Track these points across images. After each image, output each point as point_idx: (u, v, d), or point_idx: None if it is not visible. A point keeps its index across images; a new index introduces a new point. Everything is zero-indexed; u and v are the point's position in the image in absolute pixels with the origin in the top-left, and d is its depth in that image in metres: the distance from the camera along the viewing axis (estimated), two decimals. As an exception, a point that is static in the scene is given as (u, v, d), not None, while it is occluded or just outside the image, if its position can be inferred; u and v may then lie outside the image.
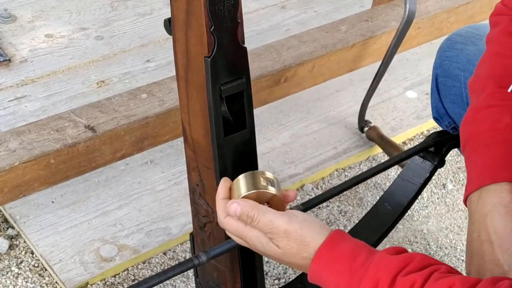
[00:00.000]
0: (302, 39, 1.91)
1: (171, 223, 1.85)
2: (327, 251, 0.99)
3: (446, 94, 1.45)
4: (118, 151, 1.62)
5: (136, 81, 2.20)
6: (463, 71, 1.41)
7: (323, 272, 0.99)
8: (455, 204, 2.05)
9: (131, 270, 1.76)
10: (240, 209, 1.02)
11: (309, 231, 1.00)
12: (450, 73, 1.44)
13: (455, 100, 1.44)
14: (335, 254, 0.98)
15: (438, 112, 1.49)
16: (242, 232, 1.04)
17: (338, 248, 0.99)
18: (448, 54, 1.46)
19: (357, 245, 0.99)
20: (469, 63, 1.41)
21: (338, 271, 0.97)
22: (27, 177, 1.51)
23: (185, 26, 1.05)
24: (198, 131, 1.12)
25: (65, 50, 2.31)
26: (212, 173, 1.14)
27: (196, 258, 1.09)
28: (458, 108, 1.43)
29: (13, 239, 1.80)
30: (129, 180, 1.95)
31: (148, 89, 1.70)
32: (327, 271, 0.98)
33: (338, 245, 0.99)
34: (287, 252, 1.01)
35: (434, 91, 1.49)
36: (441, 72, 1.46)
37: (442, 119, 1.49)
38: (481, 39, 1.40)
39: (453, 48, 1.47)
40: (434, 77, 1.49)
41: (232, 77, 1.07)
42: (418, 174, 1.44)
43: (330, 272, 0.98)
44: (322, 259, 0.99)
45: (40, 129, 1.56)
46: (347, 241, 1.00)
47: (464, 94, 1.41)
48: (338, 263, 0.98)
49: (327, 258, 0.99)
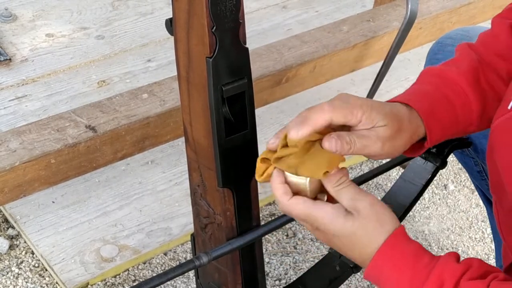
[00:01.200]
0: (303, 39, 1.91)
1: (172, 223, 1.84)
2: (393, 246, 0.97)
3: None
4: (119, 151, 1.61)
5: (137, 80, 2.20)
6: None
7: (385, 267, 0.97)
8: (457, 205, 2.04)
9: (131, 271, 1.75)
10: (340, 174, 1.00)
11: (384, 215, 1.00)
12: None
13: None
14: (400, 250, 0.97)
15: None
16: (313, 211, 0.99)
17: (403, 245, 0.97)
18: (438, 57, 1.46)
19: (420, 246, 0.98)
20: None
21: (401, 269, 0.96)
22: (28, 177, 1.50)
23: (187, 26, 1.05)
24: (199, 131, 1.12)
25: (66, 50, 2.31)
26: (214, 173, 1.13)
27: (197, 259, 1.09)
28: None
29: (13, 239, 1.80)
30: (130, 180, 1.95)
31: (149, 89, 1.70)
32: (390, 267, 0.96)
33: (404, 242, 0.98)
34: (358, 231, 0.98)
35: None
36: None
37: None
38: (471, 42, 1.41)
39: (443, 50, 1.46)
40: None
41: (234, 77, 1.07)
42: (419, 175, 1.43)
43: (393, 268, 0.96)
44: (387, 253, 0.97)
45: (40, 129, 1.55)
46: (411, 240, 0.99)
47: None
48: (402, 260, 0.96)
49: (392, 253, 0.97)
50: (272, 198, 1.96)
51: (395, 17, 2.04)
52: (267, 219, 1.91)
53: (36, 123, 1.58)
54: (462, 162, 1.55)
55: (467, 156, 1.50)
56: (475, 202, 2.05)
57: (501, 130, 1.07)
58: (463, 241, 1.94)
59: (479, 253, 1.91)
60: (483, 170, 1.49)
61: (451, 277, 0.93)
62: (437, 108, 1.10)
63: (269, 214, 1.93)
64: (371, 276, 0.99)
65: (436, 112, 1.09)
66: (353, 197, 0.99)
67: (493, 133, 1.09)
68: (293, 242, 1.87)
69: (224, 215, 1.16)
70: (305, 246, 1.87)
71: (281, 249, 1.86)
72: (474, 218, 2.01)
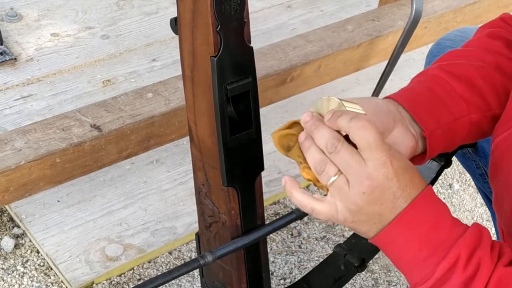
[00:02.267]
0: (308, 38, 1.91)
1: (177, 222, 1.85)
2: (433, 194, 0.94)
3: None
4: (124, 151, 1.62)
5: (142, 80, 2.20)
6: None
7: (426, 208, 0.92)
8: (462, 204, 2.04)
9: (136, 270, 1.76)
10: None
11: None
12: None
13: None
14: (438, 199, 0.94)
15: None
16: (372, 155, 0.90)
17: (439, 199, 0.95)
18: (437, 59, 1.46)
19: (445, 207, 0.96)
20: None
21: (441, 212, 0.93)
22: (33, 176, 1.51)
23: (191, 26, 1.05)
24: (204, 131, 1.12)
25: (71, 49, 2.31)
26: (218, 173, 1.13)
27: (202, 258, 1.09)
28: None
29: (18, 238, 1.80)
30: (135, 179, 1.95)
31: (154, 89, 1.70)
32: (430, 209, 0.92)
33: (438, 198, 0.95)
34: (411, 164, 0.92)
35: None
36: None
37: None
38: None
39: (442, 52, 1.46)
40: None
41: (238, 76, 1.07)
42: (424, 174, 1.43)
43: (434, 210, 0.92)
44: (429, 195, 0.92)
45: (46, 128, 1.56)
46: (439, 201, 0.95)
47: None
48: (442, 206, 0.94)
49: (433, 198, 0.93)
50: (277, 197, 1.97)
51: (400, 16, 2.03)
52: (272, 218, 1.91)
53: (41, 122, 1.58)
54: (464, 165, 1.55)
55: (469, 159, 1.49)
56: (480, 202, 2.05)
57: (505, 147, 1.05)
58: (468, 240, 1.94)
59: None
60: (485, 173, 1.48)
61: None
62: (420, 95, 1.09)
63: (274, 213, 1.93)
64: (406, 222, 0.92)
65: (417, 99, 1.08)
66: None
67: (496, 151, 1.08)
68: (298, 241, 1.87)
69: (229, 214, 1.16)
70: (310, 245, 1.88)
71: (286, 248, 1.86)
72: (479, 218, 2.01)
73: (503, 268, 0.89)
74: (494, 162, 1.08)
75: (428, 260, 0.91)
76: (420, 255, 0.91)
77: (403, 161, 0.92)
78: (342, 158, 0.91)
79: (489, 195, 1.52)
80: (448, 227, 0.92)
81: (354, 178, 0.90)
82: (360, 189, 0.90)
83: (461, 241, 0.90)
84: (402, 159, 0.92)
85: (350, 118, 0.91)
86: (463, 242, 0.90)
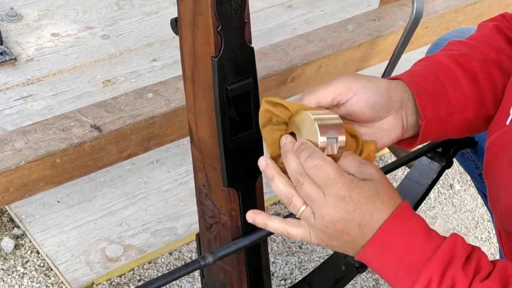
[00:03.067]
0: (309, 38, 1.91)
1: (177, 223, 1.84)
2: (406, 213, 0.93)
3: None
4: (124, 151, 1.61)
5: (142, 80, 2.20)
6: None
7: (397, 230, 0.92)
8: (462, 205, 2.04)
9: (137, 270, 1.75)
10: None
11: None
12: None
13: None
14: (412, 217, 0.94)
15: None
16: (343, 174, 0.92)
17: (413, 216, 0.94)
18: None
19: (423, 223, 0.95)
20: None
21: (413, 231, 0.92)
22: (33, 176, 1.50)
23: (192, 26, 1.04)
24: (204, 131, 1.12)
25: (71, 49, 2.31)
26: (219, 173, 1.13)
27: (203, 259, 1.09)
28: None
29: (18, 238, 1.80)
30: (135, 179, 1.95)
31: (154, 89, 1.70)
32: (402, 230, 0.92)
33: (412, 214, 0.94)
34: (379, 186, 0.93)
35: None
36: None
37: None
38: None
39: None
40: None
41: (239, 77, 1.07)
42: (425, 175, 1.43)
43: (405, 231, 0.92)
44: (400, 216, 0.92)
45: (46, 128, 1.55)
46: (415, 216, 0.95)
47: None
48: (414, 223, 0.93)
49: (405, 217, 0.93)
50: (277, 198, 1.96)
51: (400, 16, 2.03)
52: (273, 218, 1.91)
53: (41, 122, 1.58)
54: (463, 165, 1.54)
55: (468, 159, 1.49)
56: (481, 202, 2.04)
57: (499, 145, 1.05)
58: (469, 240, 1.94)
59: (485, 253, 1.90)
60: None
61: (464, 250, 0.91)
62: (426, 81, 1.08)
63: (274, 213, 1.93)
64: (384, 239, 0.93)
65: (424, 85, 1.07)
66: (359, 164, 0.95)
67: (489, 149, 1.08)
68: (298, 242, 1.87)
69: (230, 215, 1.16)
70: (311, 246, 1.87)
71: (287, 248, 1.86)
72: (480, 218, 2.01)
73: (480, 283, 0.88)
74: (488, 160, 1.08)
75: (404, 281, 0.91)
76: (396, 275, 0.92)
77: (367, 190, 0.92)
78: (304, 191, 0.94)
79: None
80: (420, 246, 0.91)
81: (316, 212, 0.93)
82: (322, 223, 0.93)
83: (432, 262, 0.89)
84: (366, 188, 0.92)
85: (306, 157, 0.93)
86: (434, 262, 0.89)
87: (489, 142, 1.08)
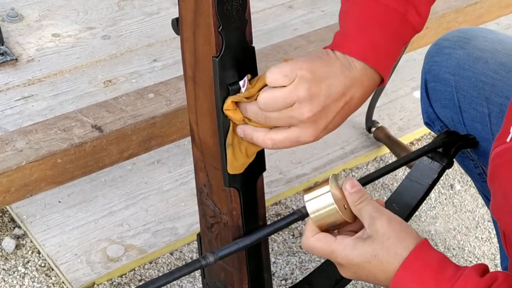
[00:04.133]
0: (309, 39, 1.91)
1: (178, 223, 1.85)
2: (415, 259, 0.98)
3: (437, 99, 1.45)
4: (125, 151, 1.61)
5: (143, 80, 2.20)
6: (453, 75, 1.41)
7: (408, 280, 0.97)
8: (463, 205, 2.04)
9: (137, 270, 1.75)
10: (359, 188, 1.02)
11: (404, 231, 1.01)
12: (440, 78, 1.44)
13: (447, 105, 1.44)
14: (423, 263, 0.97)
15: (429, 117, 1.50)
16: (332, 244, 1.02)
17: (426, 257, 0.98)
18: (436, 59, 1.46)
19: (444, 258, 0.99)
20: (458, 67, 1.41)
21: (424, 282, 0.96)
22: (34, 176, 1.51)
23: (193, 26, 1.05)
24: (205, 131, 1.12)
25: (72, 50, 2.31)
26: (220, 173, 1.13)
27: (204, 259, 1.09)
28: (450, 112, 1.43)
29: (19, 238, 1.80)
30: (136, 180, 1.95)
31: (155, 89, 1.70)
32: (413, 280, 0.97)
33: (427, 254, 0.98)
34: (379, 252, 0.99)
35: (424, 97, 1.49)
36: (431, 77, 1.46)
37: (434, 124, 1.50)
38: (469, 43, 1.41)
39: (441, 53, 1.46)
40: (423, 82, 1.49)
41: (240, 77, 1.07)
42: (426, 175, 1.43)
43: (416, 281, 0.97)
44: (410, 267, 0.98)
45: (47, 128, 1.56)
46: (434, 252, 0.99)
47: (456, 98, 1.41)
48: (425, 273, 0.96)
49: (415, 266, 0.97)
50: (278, 198, 1.97)
51: (401, 16, 2.03)
52: (273, 219, 1.91)
53: (42, 123, 1.58)
54: (462, 164, 1.54)
55: (467, 158, 1.49)
56: (481, 202, 2.05)
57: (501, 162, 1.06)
58: (470, 241, 1.94)
59: (486, 253, 1.91)
60: (483, 172, 1.48)
61: None
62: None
63: (275, 214, 1.93)
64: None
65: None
66: (372, 215, 1.01)
67: (493, 161, 1.08)
68: (299, 242, 1.87)
69: (231, 215, 1.16)
70: (311, 246, 1.87)
71: (287, 248, 1.86)
72: (480, 218, 2.01)
73: None
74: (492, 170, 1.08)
75: None
76: None
77: (362, 254, 1.00)
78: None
79: (488, 195, 1.52)
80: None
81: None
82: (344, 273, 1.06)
83: None
84: (362, 251, 1.01)
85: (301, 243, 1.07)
86: None
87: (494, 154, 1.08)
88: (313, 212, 1.04)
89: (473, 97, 1.38)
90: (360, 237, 1.02)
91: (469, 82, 1.38)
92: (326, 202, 1.03)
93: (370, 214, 1.01)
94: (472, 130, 1.40)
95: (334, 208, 1.03)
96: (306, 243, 1.05)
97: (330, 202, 1.03)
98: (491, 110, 1.36)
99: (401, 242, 0.99)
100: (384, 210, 1.02)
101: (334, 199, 1.03)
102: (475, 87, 1.38)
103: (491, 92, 1.36)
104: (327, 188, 1.04)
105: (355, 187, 1.03)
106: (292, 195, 1.99)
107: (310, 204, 1.05)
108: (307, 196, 1.05)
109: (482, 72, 1.37)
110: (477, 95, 1.38)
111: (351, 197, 1.03)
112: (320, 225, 1.05)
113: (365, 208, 1.02)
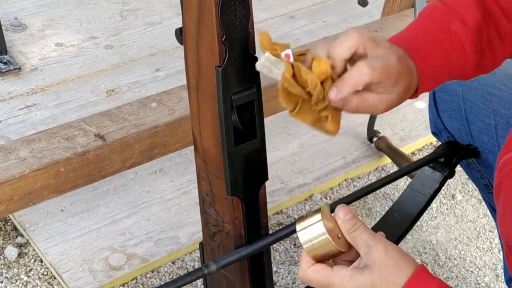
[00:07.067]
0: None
1: (180, 232, 1.85)
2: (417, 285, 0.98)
3: (444, 109, 1.46)
4: (128, 160, 1.62)
5: (146, 90, 2.21)
6: (461, 86, 1.42)
7: None
8: (464, 215, 2.04)
9: (139, 279, 1.76)
10: (352, 215, 1.01)
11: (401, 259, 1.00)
12: (447, 88, 1.44)
13: (454, 115, 1.44)
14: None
15: (436, 127, 1.50)
16: (330, 276, 1.01)
17: (425, 286, 0.98)
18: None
19: (443, 285, 0.98)
20: None
21: None
22: (37, 185, 1.51)
23: (197, 36, 1.05)
24: (208, 140, 1.12)
25: (75, 59, 2.32)
26: (222, 182, 1.14)
27: (206, 268, 1.10)
28: (457, 123, 1.43)
29: (22, 247, 1.81)
30: (138, 189, 1.95)
31: (158, 98, 1.70)
32: None
33: (424, 283, 0.98)
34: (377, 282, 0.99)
35: (432, 106, 1.49)
36: (439, 87, 1.47)
37: (441, 134, 1.50)
38: None
39: None
40: (431, 92, 1.49)
41: (243, 86, 1.08)
42: (428, 184, 1.44)
43: None
44: None
45: (50, 137, 1.56)
46: (433, 279, 0.99)
47: (463, 109, 1.41)
48: None
49: None
50: (280, 207, 1.97)
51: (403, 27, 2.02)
52: (275, 228, 1.91)
53: (45, 131, 1.59)
54: (469, 175, 1.55)
55: (473, 169, 1.49)
56: (482, 212, 2.05)
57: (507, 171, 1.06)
58: (471, 251, 1.94)
59: (487, 263, 1.91)
60: (489, 183, 1.48)
61: None
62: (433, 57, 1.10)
63: (277, 223, 1.94)
64: None
65: (429, 59, 1.10)
66: (368, 243, 0.99)
67: (501, 170, 1.08)
68: (301, 252, 1.88)
69: (233, 224, 1.16)
70: (313, 255, 1.87)
71: (289, 258, 1.86)
72: (481, 228, 2.01)
73: None
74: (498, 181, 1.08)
75: None
76: None
77: (359, 285, 0.99)
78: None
79: (494, 205, 1.52)
80: None
81: None
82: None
83: None
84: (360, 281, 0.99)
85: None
86: None
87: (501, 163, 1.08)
88: (305, 242, 1.01)
89: (480, 109, 1.38)
90: (357, 267, 1.00)
91: (477, 93, 1.39)
92: (317, 232, 1.00)
93: (366, 242, 0.99)
94: (479, 142, 1.40)
95: (326, 238, 1.00)
96: (302, 275, 1.03)
97: (321, 231, 1.00)
98: (498, 122, 1.36)
99: (400, 271, 0.98)
100: (380, 237, 1.00)
101: (326, 228, 1.00)
102: (482, 98, 1.38)
103: (498, 104, 1.36)
104: (318, 217, 1.01)
105: (348, 215, 1.01)
106: (293, 204, 1.99)
107: (302, 234, 1.02)
108: (299, 226, 1.02)
109: (489, 84, 1.37)
110: (484, 106, 1.38)
111: (344, 225, 1.01)
112: (314, 256, 1.02)
113: (360, 236, 1.00)
